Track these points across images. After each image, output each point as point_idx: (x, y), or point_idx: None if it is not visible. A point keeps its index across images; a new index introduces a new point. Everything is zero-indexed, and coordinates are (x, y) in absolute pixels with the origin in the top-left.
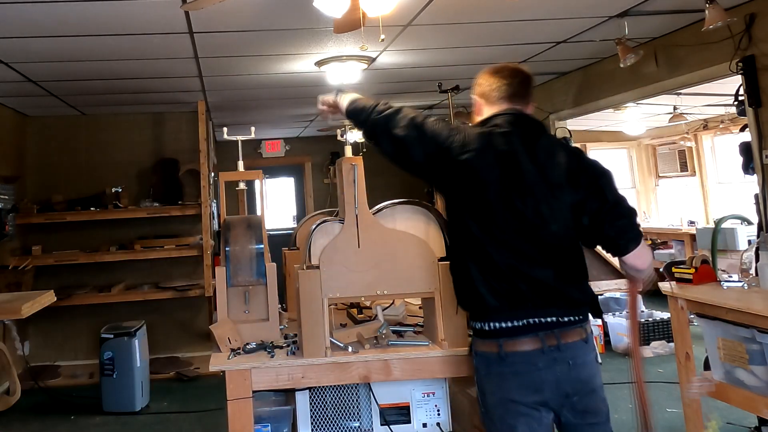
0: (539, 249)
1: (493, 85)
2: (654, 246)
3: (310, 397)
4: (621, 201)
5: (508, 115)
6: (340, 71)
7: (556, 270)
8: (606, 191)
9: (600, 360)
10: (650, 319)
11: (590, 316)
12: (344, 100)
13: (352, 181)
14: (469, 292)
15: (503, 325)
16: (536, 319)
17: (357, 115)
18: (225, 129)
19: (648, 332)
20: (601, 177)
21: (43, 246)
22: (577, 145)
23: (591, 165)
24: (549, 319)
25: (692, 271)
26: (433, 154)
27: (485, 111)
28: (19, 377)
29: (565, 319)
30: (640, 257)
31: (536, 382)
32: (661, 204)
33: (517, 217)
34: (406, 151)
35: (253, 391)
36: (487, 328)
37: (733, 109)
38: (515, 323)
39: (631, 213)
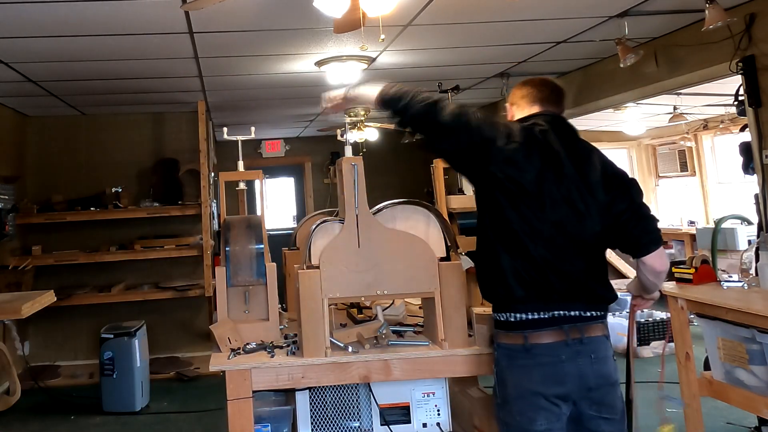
0: (573, 244)
1: (523, 92)
2: None
3: (310, 397)
4: (645, 205)
5: (545, 116)
6: (340, 71)
7: (586, 265)
8: (633, 195)
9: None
10: (650, 319)
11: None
12: (370, 89)
13: (352, 181)
14: (497, 282)
15: (529, 316)
16: (561, 312)
17: (395, 102)
18: (225, 129)
19: (648, 332)
20: (629, 182)
21: (43, 246)
22: None
23: (620, 172)
24: (573, 313)
25: (692, 271)
26: (478, 143)
27: (517, 115)
28: (19, 377)
29: (588, 313)
30: (660, 258)
31: (559, 374)
32: (661, 204)
33: (556, 210)
34: (451, 138)
35: (253, 391)
36: (512, 319)
37: (733, 109)
38: (541, 315)
39: (654, 217)
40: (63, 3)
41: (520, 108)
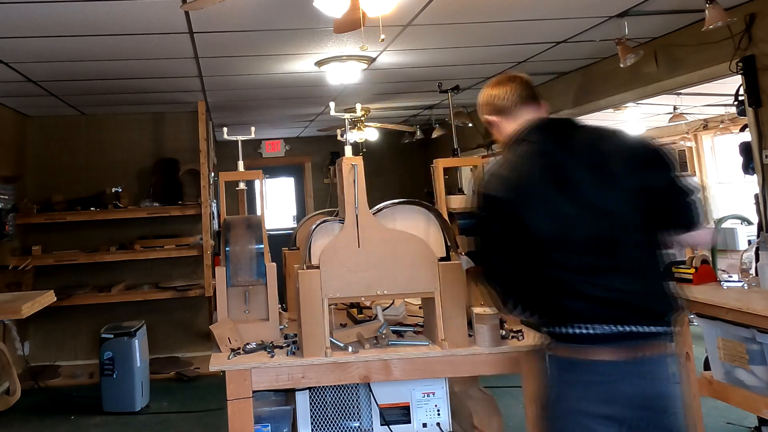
0: (613, 250)
1: (507, 95)
2: None
3: (310, 397)
4: (681, 176)
5: (537, 126)
6: (340, 71)
7: (634, 274)
8: (671, 166)
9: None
10: None
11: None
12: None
13: (352, 181)
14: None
15: (584, 331)
16: (619, 328)
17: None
18: (225, 129)
19: None
20: (659, 151)
21: (43, 246)
22: None
23: (643, 145)
24: (632, 329)
25: (692, 271)
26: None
27: (507, 126)
28: (19, 377)
29: (648, 329)
30: (710, 232)
31: (609, 394)
32: None
33: (584, 221)
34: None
35: (253, 391)
36: (570, 332)
37: (733, 109)
38: (597, 330)
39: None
40: (63, 3)
41: (507, 115)
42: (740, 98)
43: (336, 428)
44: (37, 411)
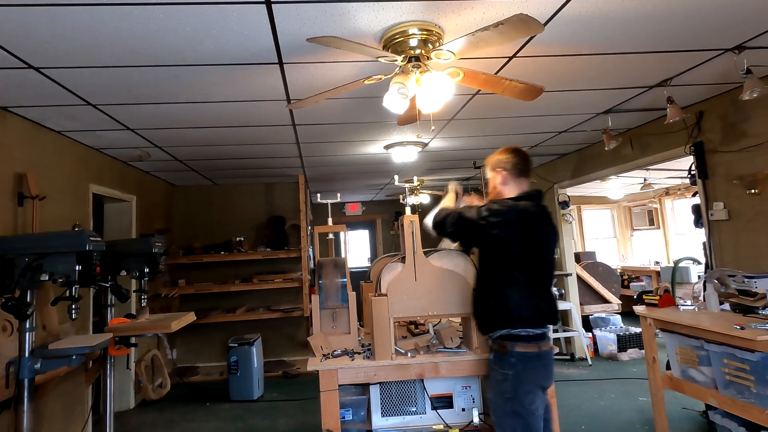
0: (549, 279)
1: (511, 160)
2: (630, 280)
3: (380, 389)
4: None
5: (535, 200)
6: (402, 153)
7: (552, 294)
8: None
9: (591, 362)
10: (627, 333)
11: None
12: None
13: (411, 233)
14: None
15: (538, 331)
16: (546, 329)
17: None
18: (318, 194)
19: (626, 343)
20: (557, 233)
21: (186, 279)
22: (573, 206)
23: (553, 224)
24: (546, 330)
25: (657, 298)
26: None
27: (509, 183)
28: (168, 375)
29: (551, 329)
30: None
31: (550, 371)
32: (635, 249)
33: (542, 258)
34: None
35: (339, 385)
36: (532, 334)
37: (687, 180)
38: (542, 331)
39: None
40: (202, 104)
41: (508, 177)
42: (692, 172)
43: (398, 412)
44: (182, 399)
